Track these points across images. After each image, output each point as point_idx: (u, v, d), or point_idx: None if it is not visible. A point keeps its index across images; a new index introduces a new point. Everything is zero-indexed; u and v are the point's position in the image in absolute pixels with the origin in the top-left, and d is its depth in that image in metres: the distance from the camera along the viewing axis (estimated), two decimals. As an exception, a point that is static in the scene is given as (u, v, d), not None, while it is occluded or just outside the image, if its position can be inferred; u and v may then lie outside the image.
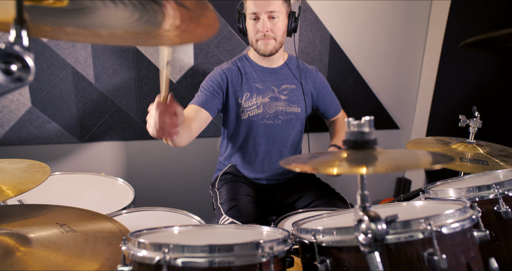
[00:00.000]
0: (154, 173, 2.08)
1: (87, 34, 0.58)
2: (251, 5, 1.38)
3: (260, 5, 1.37)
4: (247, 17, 1.43)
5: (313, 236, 0.69)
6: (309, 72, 1.62)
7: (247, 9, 1.42)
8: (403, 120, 2.51)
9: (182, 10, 0.52)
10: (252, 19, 1.40)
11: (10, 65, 0.41)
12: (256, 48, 1.46)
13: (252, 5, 1.38)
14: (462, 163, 1.25)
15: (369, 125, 0.62)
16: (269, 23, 1.39)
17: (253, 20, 1.40)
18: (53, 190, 1.40)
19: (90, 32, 0.58)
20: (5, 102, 1.75)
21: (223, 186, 1.55)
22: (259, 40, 1.43)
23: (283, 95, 1.55)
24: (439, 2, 2.26)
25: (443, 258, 0.59)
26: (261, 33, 1.40)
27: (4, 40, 0.44)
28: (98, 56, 1.83)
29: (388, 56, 2.33)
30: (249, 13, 1.40)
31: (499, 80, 1.97)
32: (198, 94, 1.47)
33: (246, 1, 1.42)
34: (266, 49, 1.44)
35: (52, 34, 0.59)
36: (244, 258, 0.62)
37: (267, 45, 1.43)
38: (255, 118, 1.53)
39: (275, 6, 1.38)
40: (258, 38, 1.42)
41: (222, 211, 1.38)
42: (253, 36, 1.44)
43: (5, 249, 0.71)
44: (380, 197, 2.60)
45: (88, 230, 0.83)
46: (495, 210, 0.80)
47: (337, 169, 0.57)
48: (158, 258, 0.61)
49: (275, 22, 1.40)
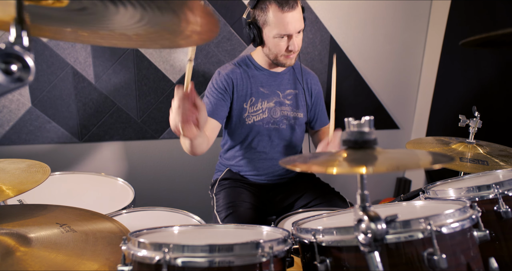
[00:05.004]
0: (154, 173, 2.08)
1: (87, 34, 0.58)
2: (281, 27, 1.31)
3: (291, 27, 1.32)
4: (270, 34, 1.36)
5: (313, 235, 0.69)
6: (311, 78, 1.62)
7: (270, 26, 1.34)
8: (403, 120, 2.51)
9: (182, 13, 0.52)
10: (279, 38, 1.35)
11: (10, 65, 0.41)
12: (279, 62, 1.43)
13: (284, 27, 1.31)
14: (462, 163, 1.25)
15: (369, 125, 0.62)
16: (297, 40, 1.37)
17: (280, 38, 1.35)
18: (53, 190, 1.40)
19: (91, 32, 0.58)
20: (5, 102, 1.75)
21: (220, 192, 1.54)
22: (283, 56, 1.40)
23: (287, 100, 1.55)
24: (439, 2, 2.26)
25: (443, 258, 0.59)
26: (292, 51, 1.38)
27: (4, 40, 0.44)
28: (98, 56, 1.83)
29: (388, 56, 2.33)
30: (276, 33, 1.34)
31: (499, 80, 1.96)
32: (205, 102, 1.44)
33: (267, 15, 1.33)
34: (292, 63, 1.44)
35: (52, 34, 0.59)
36: (244, 258, 0.62)
37: (292, 60, 1.43)
38: (260, 123, 1.51)
39: (302, 23, 1.36)
40: (287, 55, 1.40)
41: (219, 219, 1.38)
42: (279, 52, 1.39)
43: (5, 249, 0.71)
44: (380, 197, 2.60)
45: (88, 230, 0.83)
46: (495, 210, 0.80)
47: (337, 168, 0.57)
48: (158, 258, 0.61)
49: (300, 36, 1.39)
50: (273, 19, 1.32)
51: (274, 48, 1.39)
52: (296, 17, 1.32)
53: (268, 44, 1.39)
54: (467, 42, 1.11)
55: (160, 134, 2.02)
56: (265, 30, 1.37)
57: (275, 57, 1.42)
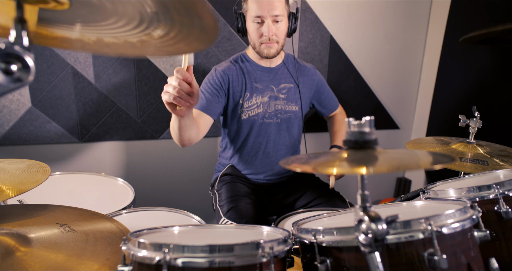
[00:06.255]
0: (154, 173, 2.08)
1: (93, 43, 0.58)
2: (255, 9, 1.37)
3: (265, 9, 1.36)
4: (249, 20, 1.41)
5: (313, 236, 0.69)
6: (307, 70, 1.63)
7: (249, 11, 1.40)
8: (403, 120, 2.51)
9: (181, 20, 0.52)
10: (255, 22, 1.39)
11: (10, 65, 0.41)
12: (259, 51, 1.46)
13: (257, 8, 1.37)
14: (462, 163, 1.25)
15: (369, 125, 0.62)
16: (273, 27, 1.39)
17: (256, 23, 1.39)
18: (53, 190, 1.40)
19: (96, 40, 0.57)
20: (5, 102, 1.75)
21: (222, 187, 1.54)
22: (263, 44, 1.43)
23: (282, 94, 1.56)
24: (439, 2, 2.26)
25: (443, 258, 0.59)
26: (265, 37, 1.40)
27: (4, 40, 0.44)
28: (98, 56, 1.82)
29: (388, 56, 2.33)
30: (252, 16, 1.39)
31: (499, 80, 1.96)
32: (200, 97, 1.46)
33: (247, 2, 1.41)
34: (270, 53, 1.45)
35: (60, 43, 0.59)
36: (244, 258, 0.62)
37: (271, 49, 1.44)
38: (255, 118, 1.53)
39: (279, 10, 1.37)
40: (263, 41, 1.42)
41: (221, 213, 1.38)
42: (256, 39, 1.43)
43: (5, 249, 0.71)
44: (380, 197, 2.60)
45: (88, 230, 0.83)
46: (496, 210, 0.80)
47: (337, 169, 0.57)
48: (158, 258, 0.61)
49: (279, 26, 1.40)
50: (251, 3, 1.38)
51: (252, 34, 1.43)
52: (274, 2, 1.36)
53: (249, 30, 1.44)
54: (467, 39, 1.11)
55: (160, 135, 2.02)
56: (247, 18, 1.43)
57: (255, 45, 1.45)
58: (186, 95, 0.97)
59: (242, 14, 1.44)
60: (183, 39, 0.57)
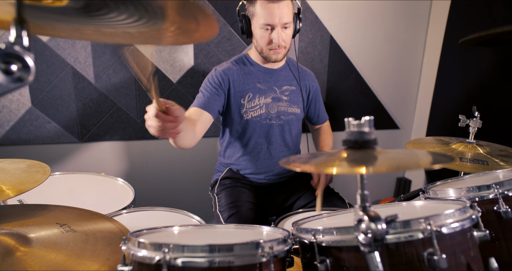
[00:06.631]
0: (154, 173, 2.08)
1: (91, 32, 0.58)
2: (265, 17, 1.35)
3: (276, 17, 1.34)
4: (257, 25, 1.39)
5: (313, 236, 0.69)
6: (308, 75, 1.65)
7: (256, 16, 1.38)
8: (403, 120, 2.51)
9: (181, 13, 0.52)
10: (264, 29, 1.38)
11: (10, 65, 0.41)
12: (266, 56, 1.46)
13: (267, 17, 1.34)
14: (462, 163, 1.25)
15: (369, 125, 0.62)
16: (283, 34, 1.39)
17: (265, 30, 1.38)
18: (53, 190, 1.40)
19: (94, 30, 0.58)
20: (5, 102, 1.75)
21: (222, 192, 1.54)
22: (271, 50, 1.42)
23: (284, 96, 1.56)
24: (439, 2, 2.26)
25: (443, 258, 0.59)
26: (275, 44, 1.39)
27: (4, 40, 0.44)
28: (98, 56, 1.83)
29: (388, 56, 2.34)
30: (261, 23, 1.37)
31: (499, 80, 1.96)
32: (199, 96, 1.46)
33: (254, 6, 1.37)
34: (278, 58, 1.45)
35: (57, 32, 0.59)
36: (244, 258, 0.62)
37: (279, 54, 1.44)
38: (257, 119, 1.53)
39: (289, 17, 1.37)
40: (272, 48, 1.42)
41: (222, 220, 1.38)
42: (264, 45, 1.42)
43: (5, 249, 0.71)
44: (380, 197, 2.60)
45: (88, 230, 0.83)
46: (495, 210, 0.80)
47: (337, 168, 0.57)
48: (158, 258, 0.61)
49: (287, 31, 1.40)
50: (260, 9, 1.36)
51: (260, 39, 1.42)
52: (283, 9, 1.35)
53: (256, 35, 1.43)
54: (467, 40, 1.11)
55: (160, 134, 2.02)
56: (253, 21, 1.41)
57: (262, 50, 1.45)
58: (171, 127, 0.95)
59: (247, 17, 1.42)
60: (183, 32, 0.57)
